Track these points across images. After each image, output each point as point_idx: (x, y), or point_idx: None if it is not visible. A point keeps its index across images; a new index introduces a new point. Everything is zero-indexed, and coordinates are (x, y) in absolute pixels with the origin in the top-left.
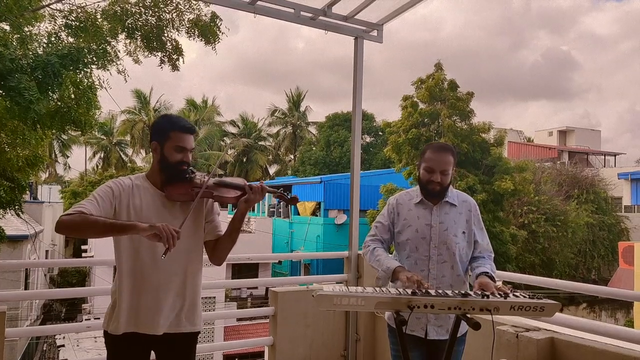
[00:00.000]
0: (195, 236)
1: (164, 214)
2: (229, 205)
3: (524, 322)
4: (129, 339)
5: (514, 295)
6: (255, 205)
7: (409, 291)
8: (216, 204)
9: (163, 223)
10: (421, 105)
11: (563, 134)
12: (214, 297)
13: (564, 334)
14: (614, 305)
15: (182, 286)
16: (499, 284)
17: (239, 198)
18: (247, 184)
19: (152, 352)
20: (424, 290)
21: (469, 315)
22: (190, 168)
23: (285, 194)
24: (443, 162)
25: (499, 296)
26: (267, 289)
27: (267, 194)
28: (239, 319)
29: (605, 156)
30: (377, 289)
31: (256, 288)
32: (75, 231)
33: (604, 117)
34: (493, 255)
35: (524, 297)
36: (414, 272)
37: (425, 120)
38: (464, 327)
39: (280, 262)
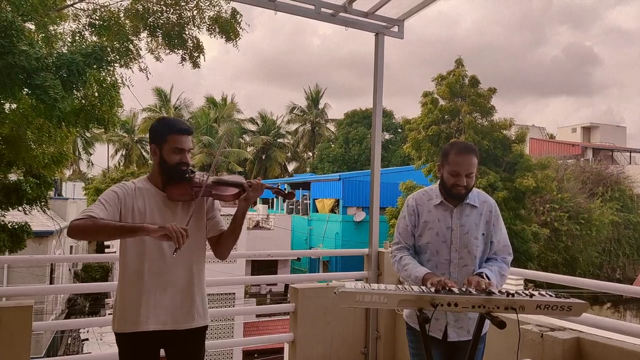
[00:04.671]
0: (197, 234)
1: (166, 214)
2: (280, 202)
3: (549, 321)
4: (140, 336)
5: (539, 294)
6: (274, 202)
7: (433, 289)
8: (217, 201)
9: (172, 223)
10: (441, 102)
11: (587, 130)
12: (234, 294)
13: (590, 333)
14: (639, 305)
15: (190, 283)
16: (518, 287)
17: (238, 196)
18: (245, 181)
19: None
20: (447, 288)
21: (493, 314)
22: (190, 168)
23: (283, 189)
24: (468, 164)
25: (524, 295)
26: (286, 285)
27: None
28: (258, 315)
29: (630, 153)
30: (400, 286)
31: (275, 284)
32: (87, 234)
33: (628, 113)
34: (510, 257)
35: (550, 296)
36: (440, 276)
37: (446, 116)
38: (485, 325)
39: (299, 259)
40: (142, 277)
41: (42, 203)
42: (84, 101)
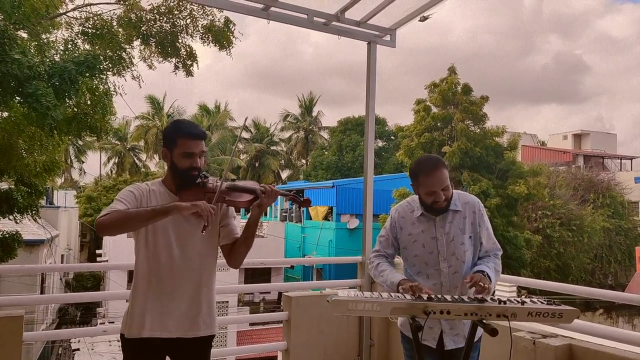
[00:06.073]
0: (209, 241)
1: (178, 219)
2: (242, 210)
3: (541, 328)
4: (144, 342)
5: (531, 301)
6: (268, 209)
7: (425, 297)
8: (231, 208)
9: (202, 201)
10: (434, 109)
11: (578, 137)
12: (227, 302)
13: (582, 340)
14: (631, 311)
15: (197, 290)
16: (511, 294)
17: (252, 202)
18: (260, 186)
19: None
20: (440, 296)
21: (485, 322)
22: (203, 173)
23: (298, 196)
24: (440, 180)
25: (516, 302)
26: (279, 293)
27: (278, 197)
28: (251, 324)
29: (621, 160)
30: (393, 294)
31: (269, 293)
32: (120, 227)
33: (618, 120)
34: (500, 252)
35: (542, 303)
36: (417, 281)
37: (438, 124)
38: (478, 332)
39: (292, 267)
40: (150, 282)
41: (33, 212)
42: (76, 109)
